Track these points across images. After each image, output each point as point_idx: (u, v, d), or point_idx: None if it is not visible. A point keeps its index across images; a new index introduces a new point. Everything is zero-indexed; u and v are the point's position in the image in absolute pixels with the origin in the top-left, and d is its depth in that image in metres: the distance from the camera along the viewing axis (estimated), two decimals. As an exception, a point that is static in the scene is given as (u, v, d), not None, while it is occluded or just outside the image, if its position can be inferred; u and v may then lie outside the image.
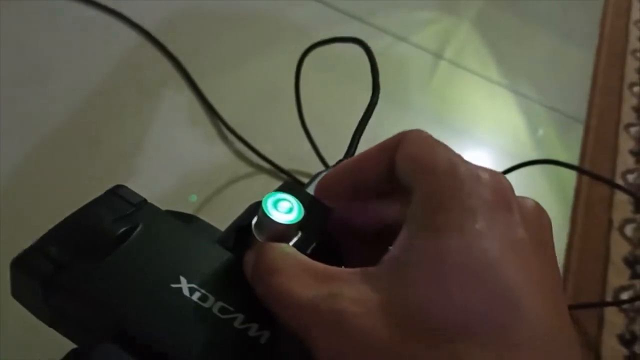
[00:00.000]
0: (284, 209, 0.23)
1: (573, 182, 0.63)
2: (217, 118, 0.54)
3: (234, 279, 0.23)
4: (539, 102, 0.72)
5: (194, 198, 0.48)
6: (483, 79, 0.73)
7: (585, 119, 0.72)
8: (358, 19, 0.72)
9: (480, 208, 0.19)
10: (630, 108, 0.75)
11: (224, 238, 0.25)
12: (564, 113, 0.72)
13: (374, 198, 0.24)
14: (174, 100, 0.56)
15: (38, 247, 0.22)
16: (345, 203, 0.25)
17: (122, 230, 0.23)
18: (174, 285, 0.22)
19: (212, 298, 0.22)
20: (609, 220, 0.60)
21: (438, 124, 0.65)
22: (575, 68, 0.81)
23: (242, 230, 0.23)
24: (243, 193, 0.50)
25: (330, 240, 0.25)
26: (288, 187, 0.24)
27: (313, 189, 0.25)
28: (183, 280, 0.22)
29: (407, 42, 0.73)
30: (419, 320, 0.17)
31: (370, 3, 0.75)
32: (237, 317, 0.22)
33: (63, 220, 0.23)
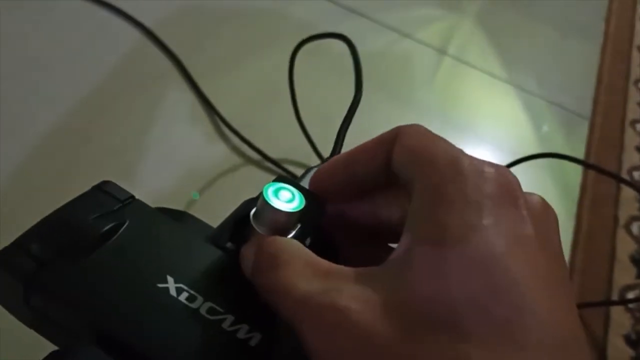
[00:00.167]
0: (285, 198, 0.22)
1: (578, 178, 0.62)
2: (215, 115, 0.54)
3: (225, 279, 0.22)
4: (543, 97, 0.71)
5: (197, 195, 0.48)
6: (487, 75, 0.72)
7: (591, 116, 0.71)
8: (362, 15, 0.71)
9: (485, 202, 0.18)
10: (636, 104, 0.74)
11: (216, 236, 0.24)
12: (568, 109, 0.71)
13: (370, 193, 0.24)
14: (173, 98, 0.55)
15: (19, 244, 0.21)
16: (342, 199, 0.24)
17: (107, 227, 0.22)
18: (161, 285, 0.21)
19: (200, 298, 0.21)
20: (615, 218, 0.59)
21: (442, 120, 0.64)
22: (580, 64, 0.80)
23: (240, 222, 0.22)
24: (241, 190, 0.50)
25: (326, 236, 0.25)
26: (283, 179, 0.23)
27: (307, 183, 0.24)
28: (170, 280, 0.21)
29: (411, 38, 0.72)
30: (421, 318, 0.17)
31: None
32: (226, 318, 0.21)
33: (46, 217, 0.22)
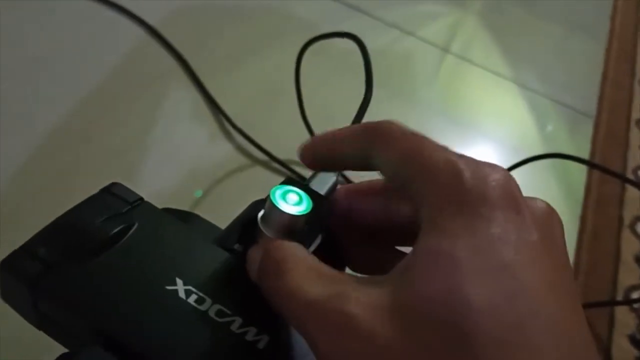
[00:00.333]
0: (293, 201, 0.22)
1: (582, 178, 0.62)
2: (221, 114, 0.53)
3: (233, 281, 0.22)
4: (547, 96, 0.71)
5: (200, 193, 0.48)
6: (490, 73, 0.72)
7: (596, 114, 0.70)
8: (365, 13, 0.71)
9: (489, 209, 0.18)
10: (641, 103, 0.74)
11: (223, 238, 0.24)
12: (573, 107, 0.70)
13: (375, 194, 0.24)
14: (177, 96, 0.55)
15: (27, 248, 0.21)
16: (352, 201, 0.25)
17: (116, 230, 0.22)
18: (170, 287, 0.21)
19: (209, 301, 0.21)
20: (620, 218, 0.59)
21: (445, 118, 0.64)
22: (584, 62, 0.80)
23: (247, 225, 0.22)
24: (246, 189, 0.50)
25: (332, 237, 0.25)
26: (291, 181, 0.23)
27: (315, 185, 0.24)
28: (179, 282, 0.21)
29: (414, 36, 0.72)
30: (428, 323, 0.17)
31: (377, -3, 0.74)
32: (234, 320, 0.21)
33: (54, 221, 0.22)
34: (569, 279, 0.19)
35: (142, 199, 0.24)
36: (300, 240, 0.22)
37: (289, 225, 0.22)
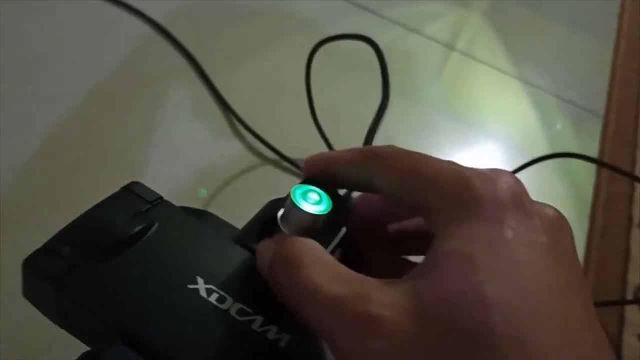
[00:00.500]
0: (313, 200, 0.22)
1: (589, 177, 0.62)
2: (230, 112, 0.53)
3: (252, 279, 0.22)
4: (553, 94, 0.70)
5: (204, 192, 0.48)
6: (495, 70, 0.71)
7: (604, 113, 0.70)
8: (369, 11, 0.71)
9: (500, 212, 0.19)
10: (650, 102, 0.74)
11: (243, 236, 0.24)
12: (577, 104, 0.70)
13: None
14: (184, 93, 0.55)
15: (50, 246, 0.21)
16: (370, 204, 0.25)
17: (137, 229, 0.22)
18: (191, 286, 0.21)
19: (230, 299, 0.21)
20: (629, 217, 0.59)
21: (449, 117, 0.64)
22: (591, 59, 0.79)
23: (267, 223, 0.23)
24: (254, 186, 0.50)
25: (351, 240, 0.25)
26: (312, 181, 0.23)
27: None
28: (200, 281, 0.22)
29: (418, 33, 0.72)
30: (449, 322, 0.17)
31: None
32: (255, 319, 0.21)
33: (76, 219, 0.22)
34: (581, 281, 0.20)
35: (161, 198, 0.24)
36: (319, 240, 0.22)
37: (309, 225, 0.22)
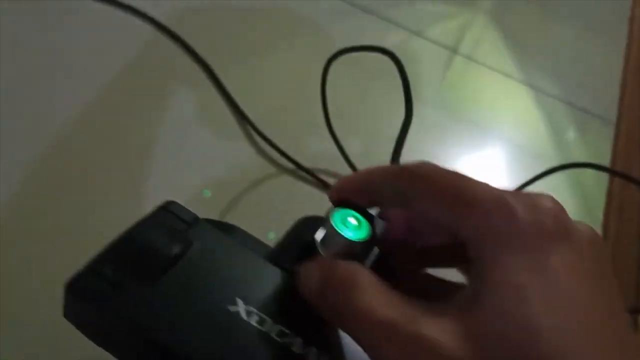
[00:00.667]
0: (353, 227, 0.22)
1: (601, 184, 0.62)
2: (246, 122, 0.53)
3: (290, 300, 0.22)
4: (560, 99, 0.70)
5: (207, 193, 0.48)
6: (500, 74, 0.71)
7: (616, 121, 0.70)
8: (373, 14, 0.70)
9: (546, 241, 0.19)
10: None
11: (278, 256, 0.24)
12: (585, 110, 0.70)
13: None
14: (194, 97, 0.54)
15: (92, 268, 0.21)
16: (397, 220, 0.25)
17: (177, 250, 0.22)
18: (231, 308, 0.21)
19: (269, 321, 0.22)
20: (642, 225, 0.59)
21: (453, 121, 0.63)
22: (600, 64, 0.79)
23: (306, 247, 0.23)
24: (266, 193, 0.49)
25: (385, 259, 0.25)
26: (348, 203, 0.23)
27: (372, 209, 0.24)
28: (240, 302, 0.22)
29: (422, 36, 0.71)
30: (504, 350, 0.18)
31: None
32: (295, 341, 0.21)
33: (117, 240, 0.22)
34: (621, 304, 0.20)
35: (197, 218, 0.24)
36: (358, 261, 0.22)
37: (350, 251, 0.22)
